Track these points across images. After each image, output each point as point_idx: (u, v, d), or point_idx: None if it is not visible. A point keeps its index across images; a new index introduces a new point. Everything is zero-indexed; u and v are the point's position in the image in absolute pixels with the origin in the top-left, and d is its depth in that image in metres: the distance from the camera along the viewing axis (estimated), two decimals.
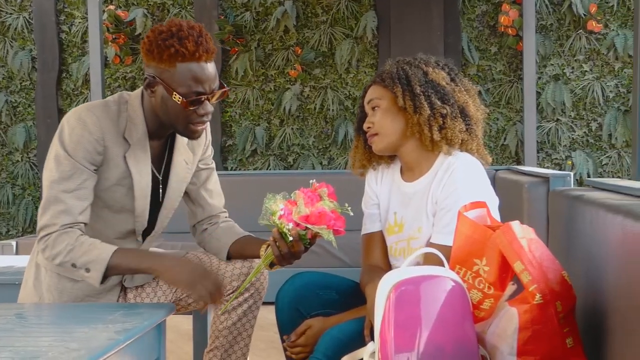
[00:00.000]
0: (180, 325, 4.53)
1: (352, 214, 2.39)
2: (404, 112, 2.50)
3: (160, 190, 2.59)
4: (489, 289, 2.11)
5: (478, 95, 2.64)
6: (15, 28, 7.35)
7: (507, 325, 1.99)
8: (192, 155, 2.65)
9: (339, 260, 5.68)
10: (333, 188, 2.43)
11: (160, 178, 2.58)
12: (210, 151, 2.77)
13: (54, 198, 2.37)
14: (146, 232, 2.62)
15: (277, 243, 2.38)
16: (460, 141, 2.49)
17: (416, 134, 2.49)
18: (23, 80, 7.37)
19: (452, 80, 2.55)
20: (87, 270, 2.35)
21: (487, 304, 2.11)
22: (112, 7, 7.15)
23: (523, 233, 2.04)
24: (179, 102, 2.36)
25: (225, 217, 2.83)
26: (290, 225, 2.33)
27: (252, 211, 3.12)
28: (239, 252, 2.67)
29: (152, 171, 2.54)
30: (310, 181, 2.44)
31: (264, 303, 2.77)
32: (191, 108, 2.37)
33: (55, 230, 2.36)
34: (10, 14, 7.38)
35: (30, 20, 7.36)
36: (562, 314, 1.97)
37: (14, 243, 5.61)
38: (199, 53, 2.34)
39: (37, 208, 7.17)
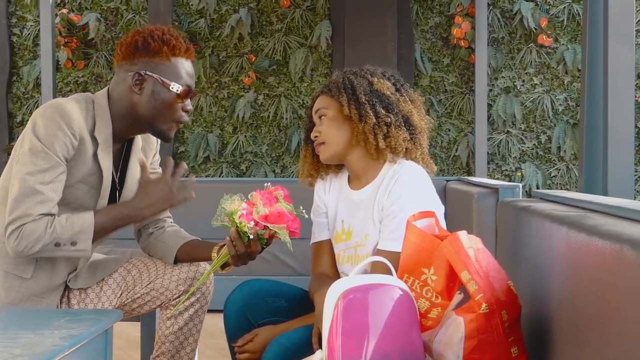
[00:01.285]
0: (129, 332, 4.48)
1: (306, 216, 2.45)
2: (350, 121, 2.52)
3: (117, 193, 2.58)
4: (437, 298, 2.13)
5: (429, 106, 2.69)
6: None
7: (453, 333, 2.01)
8: (144, 160, 2.66)
9: (290, 268, 5.68)
10: (287, 192, 2.45)
11: (117, 180, 2.58)
12: (158, 157, 2.80)
13: (30, 189, 2.33)
14: None
15: (234, 243, 2.39)
16: (404, 150, 2.52)
17: (361, 143, 2.52)
18: None
19: (397, 90, 2.59)
20: (74, 243, 2.36)
21: (434, 312, 2.13)
22: (65, 10, 7.08)
23: (470, 243, 2.06)
24: (177, 92, 2.44)
25: (171, 222, 2.83)
26: (252, 223, 2.35)
27: (203, 217, 3.12)
28: (189, 255, 2.67)
29: (112, 173, 2.54)
30: (265, 184, 2.46)
31: (214, 310, 2.76)
32: (183, 100, 2.47)
33: (29, 221, 2.33)
34: None
35: None
36: (508, 323, 2.00)
37: None
38: (190, 51, 2.50)
39: None
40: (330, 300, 2.04)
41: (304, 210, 2.43)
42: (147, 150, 2.70)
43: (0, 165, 7.13)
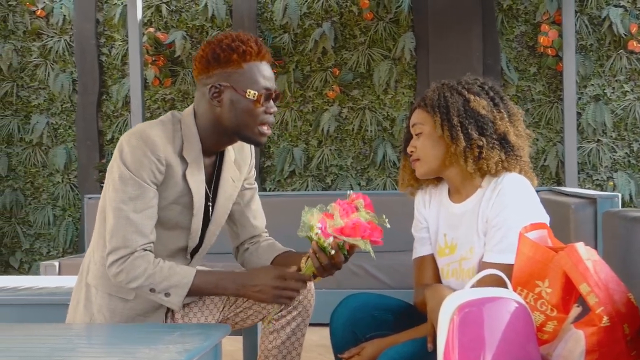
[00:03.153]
0: (224, 346, 4.51)
1: (388, 225, 2.39)
2: (444, 140, 2.49)
3: (210, 207, 2.60)
4: (552, 311, 2.09)
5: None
6: (57, 51, 7.43)
7: (573, 347, 1.97)
8: (238, 173, 2.68)
9: (380, 282, 5.65)
10: (370, 199, 2.42)
11: (211, 195, 2.59)
12: (254, 172, 2.80)
13: (125, 219, 2.37)
14: (194, 250, 2.64)
15: (317, 255, 2.39)
16: (498, 170, 2.47)
17: (455, 163, 2.49)
18: (64, 103, 7.44)
19: (495, 105, 2.53)
20: (167, 294, 2.38)
21: (550, 326, 2.09)
22: (151, 29, 7.21)
23: (588, 255, 2.02)
24: (253, 99, 2.43)
25: (267, 236, 2.84)
26: (331, 239, 2.33)
27: (290, 231, 3.11)
28: (282, 266, 2.67)
29: (205, 188, 2.56)
30: (348, 192, 2.44)
31: (309, 324, 2.76)
32: (264, 105, 2.45)
33: (129, 253, 2.37)
34: (52, 37, 7.47)
35: (71, 44, 7.44)
36: (630, 336, 1.95)
37: (56, 263, 5.65)
38: (262, 52, 2.46)
39: (77, 229, 7.24)
40: (446, 314, 2.02)
41: (386, 219, 2.39)
42: (241, 164, 2.70)
43: (92, 182, 7.29)
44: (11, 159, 7.49)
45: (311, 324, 2.75)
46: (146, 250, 2.40)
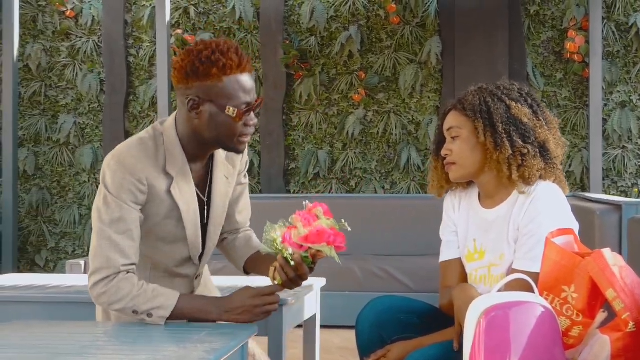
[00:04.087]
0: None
1: (349, 229, 2.37)
2: (484, 146, 2.49)
3: (206, 211, 2.59)
4: (578, 316, 2.10)
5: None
6: (85, 51, 7.52)
7: (599, 352, 1.98)
8: (232, 169, 2.65)
9: (402, 285, 5.68)
10: (327, 206, 2.41)
11: (205, 199, 2.59)
12: (246, 165, 2.77)
13: (107, 240, 2.37)
14: (200, 254, 2.65)
15: (283, 269, 2.38)
16: (537, 178, 2.48)
17: (494, 170, 2.49)
18: (91, 103, 7.52)
19: (534, 113, 2.52)
20: (149, 315, 2.37)
21: (575, 331, 2.10)
22: (179, 31, 7.27)
23: (614, 260, 2.03)
24: (232, 115, 2.36)
25: (245, 228, 2.85)
26: (290, 249, 2.35)
27: None
28: (254, 268, 2.72)
29: (197, 194, 2.54)
30: (304, 202, 2.42)
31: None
32: (244, 119, 2.39)
33: (113, 274, 2.36)
34: (80, 37, 7.55)
35: (99, 44, 7.52)
36: None
37: (82, 262, 5.70)
38: (242, 64, 2.37)
39: None
40: (472, 318, 2.04)
41: (346, 223, 2.39)
42: (234, 159, 2.66)
43: None
44: (38, 158, 7.58)
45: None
46: (129, 272, 2.39)
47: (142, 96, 7.42)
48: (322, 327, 2.86)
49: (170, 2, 7.13)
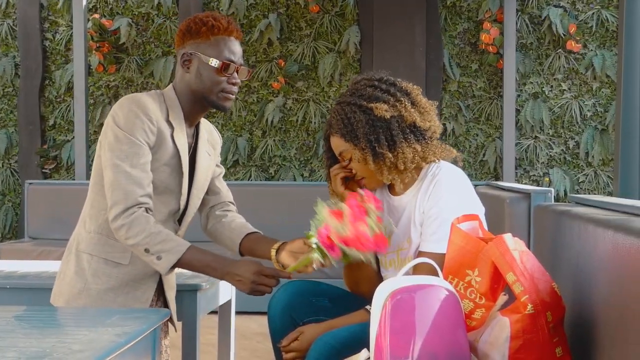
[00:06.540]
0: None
1: (396, 229, 2.51)
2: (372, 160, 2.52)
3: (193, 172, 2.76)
4: (480, 299, 2.17)
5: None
6: None
7: (499, 334, 2.05)
8: (212, 150, 2.85)
9: (319, 271, 5.71)
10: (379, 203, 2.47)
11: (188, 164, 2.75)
12: (219, 157, 2.96)
13: (123, 173, 2.53)
14: (181, 216, 2.76)
15: (307, 269, 2.55)
16: (416, 162, 2.51)
17: (393, 171, 2.51)
18: (6, 87, 7.37)
19: (393, 96, 2.53)
20: (159, 257, 2.51)
21: (478, 313, 2.17)
22: (96, 15, 7.18)
23: (515, 245, 2.10)
24: (215, 67, 2.60)
25: (236, 211, 2.94)
26: (320, 256, 2.43)
27: None
28: (250, 248, 2.79)
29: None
30: (359, 191, 2.49)
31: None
32: (225, 74, 2.62)
33: (131, 205, 2.51)
34: None
35: (14, 27, 7.37)
36: (552, 324, 2.04)
37: None
38: (230, 28, 2.64)
39: (17, 214, 7.18)
40: (378, 301, 2.09)
41: (392, 223, 2.46)
42: (213, 143, 2.87)
43: (33, 167, 7.23)
44: None
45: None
46: (148, 211, 2.55)
47: (59, 80, 7.31)
48: (239, 312, 2.88)
49: None
